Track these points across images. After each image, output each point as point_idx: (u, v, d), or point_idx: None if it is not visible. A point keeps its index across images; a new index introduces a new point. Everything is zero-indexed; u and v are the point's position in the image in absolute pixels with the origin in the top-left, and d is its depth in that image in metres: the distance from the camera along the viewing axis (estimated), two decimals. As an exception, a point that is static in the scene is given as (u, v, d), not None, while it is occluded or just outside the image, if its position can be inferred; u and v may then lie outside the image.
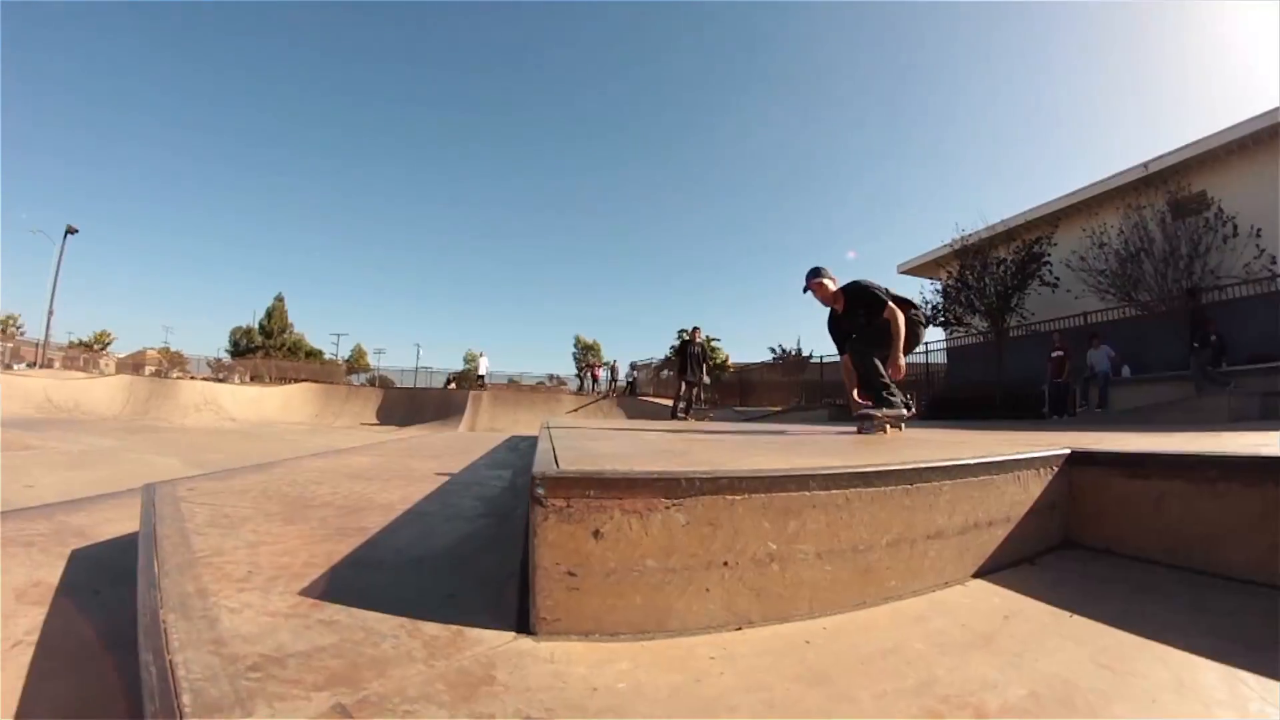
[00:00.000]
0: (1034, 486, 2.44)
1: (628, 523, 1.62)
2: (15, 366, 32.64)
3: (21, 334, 47.70)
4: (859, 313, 5.08)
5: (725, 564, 1.68)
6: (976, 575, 2.16)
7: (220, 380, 38.22)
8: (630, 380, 36.23)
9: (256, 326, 59.70)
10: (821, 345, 35.55)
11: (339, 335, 66.37)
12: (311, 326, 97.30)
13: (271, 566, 2.06)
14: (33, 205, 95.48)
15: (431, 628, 1.57)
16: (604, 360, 46.74)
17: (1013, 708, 1.33)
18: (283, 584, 1.88)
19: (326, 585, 1.87)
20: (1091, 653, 1.60)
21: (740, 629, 1.67)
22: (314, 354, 59.00)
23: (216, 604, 1.70)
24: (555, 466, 1.74)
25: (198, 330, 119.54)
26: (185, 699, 1.18)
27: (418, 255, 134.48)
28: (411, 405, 30.54)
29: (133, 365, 45.95)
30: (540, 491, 1.60)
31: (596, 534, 1.59)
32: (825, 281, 5.28)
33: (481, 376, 36.58)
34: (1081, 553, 2.50)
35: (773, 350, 38.99)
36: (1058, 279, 19.01)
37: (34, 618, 3.00)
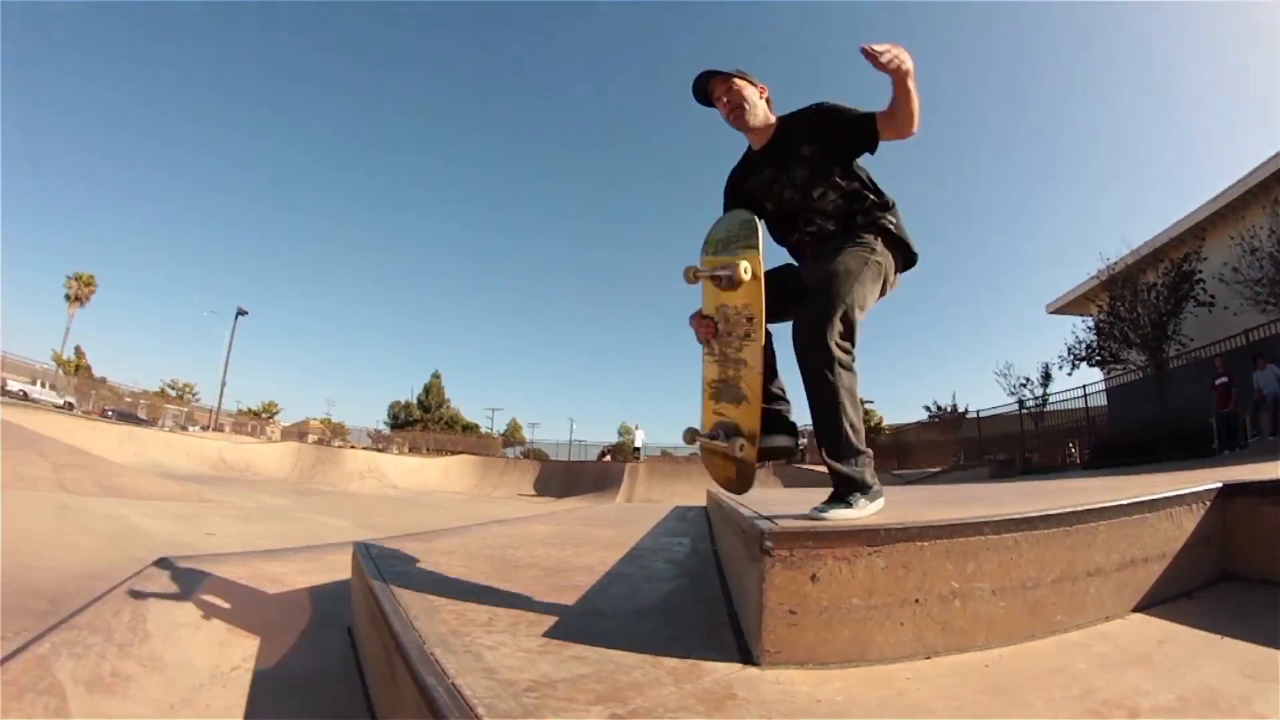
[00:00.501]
0: (1187, 522, 2.57)
1: (838, 568, 1.94)
2: (189, 429, 35.91)
3: (196, 401, 52.67)
4: (806, 169, 2.67)
5: (916, 601, 1.98)
6: (1135, 609, 2.35)
7: (380, 450, 40.75)
8: (787, 449, 36.35)
9: (415, 401, 63.09)
10: (976, 398, 34.41)
11: (494, 410, 69.07)
12: (467, 401, 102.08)
13: (508, 615, 2.45)
14: (206, 289, 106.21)
15: (670, 661, 1.91)
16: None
17: (1162, 709, 1.59)
18: (524, 628, 2.25)
19: (565, 629, 2.24)
20: (1239, 666, 1.82)
21: (929, 657, 1.96)
22: (470, 427, 61.69)
23: (473, 642, 2.04)
24: (774, 524, 2.06)
25: (358, 403, 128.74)
26: (480, 710, 1.47)
27: (573, 330, 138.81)
28: (568, 477, 31.71)
29: (297, 433, 49.66)
30: (768, 544, 1.94)
31: (813, 578, 1.93)
32: (743, 85, 2.74)
33: (637, 449, 37.76)
34: (1239, 584, 2.60)
35: (928, 408, 38.31)
36: (1213, 297, 17.78)
37: (248, 649, 3.57)
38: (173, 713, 2.58)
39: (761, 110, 2.75)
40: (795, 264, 2.86)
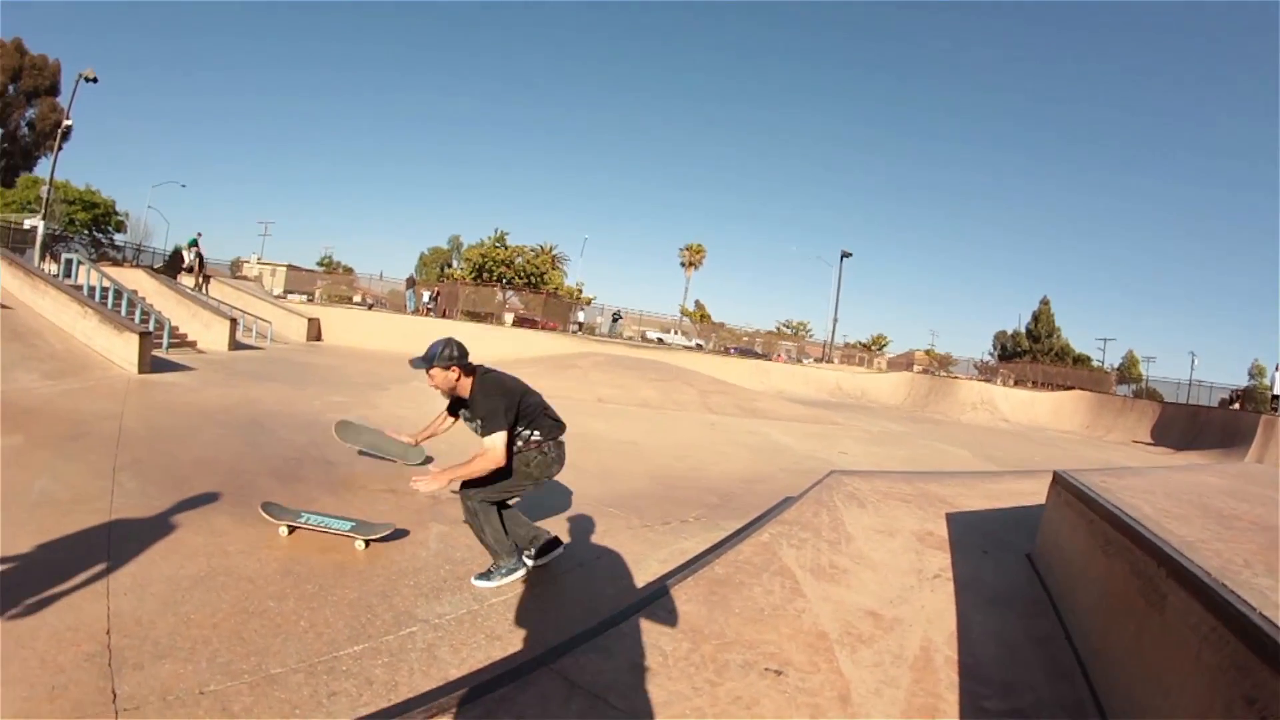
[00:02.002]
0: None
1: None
2: (804, 361, 40.34)
3: (810, 337, 58.94)
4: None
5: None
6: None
7: (985, 382, 40.07)
8: None
9: (1023, 331, 60.39)
10: None
11: (1105, 340, 61.86)
12: (1077, 330, 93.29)
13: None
14: (812, 236, 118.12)
15: None
16: None
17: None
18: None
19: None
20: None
21: None
22: (1081, 360, 56.19)
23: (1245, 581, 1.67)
24: None
25: (962, 334, 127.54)
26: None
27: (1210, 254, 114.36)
28: (1190, 425, 26.24)
29: (905, 364, 51.68)
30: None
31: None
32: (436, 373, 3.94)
33: (1277, 396, 28.61)
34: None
35: None
36: None
37: (941, 560, 3.59)
38: (892, 606, 2.74)
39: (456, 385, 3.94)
40: None
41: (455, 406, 4.19)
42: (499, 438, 3.65)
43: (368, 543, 4.38)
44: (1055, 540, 3.27)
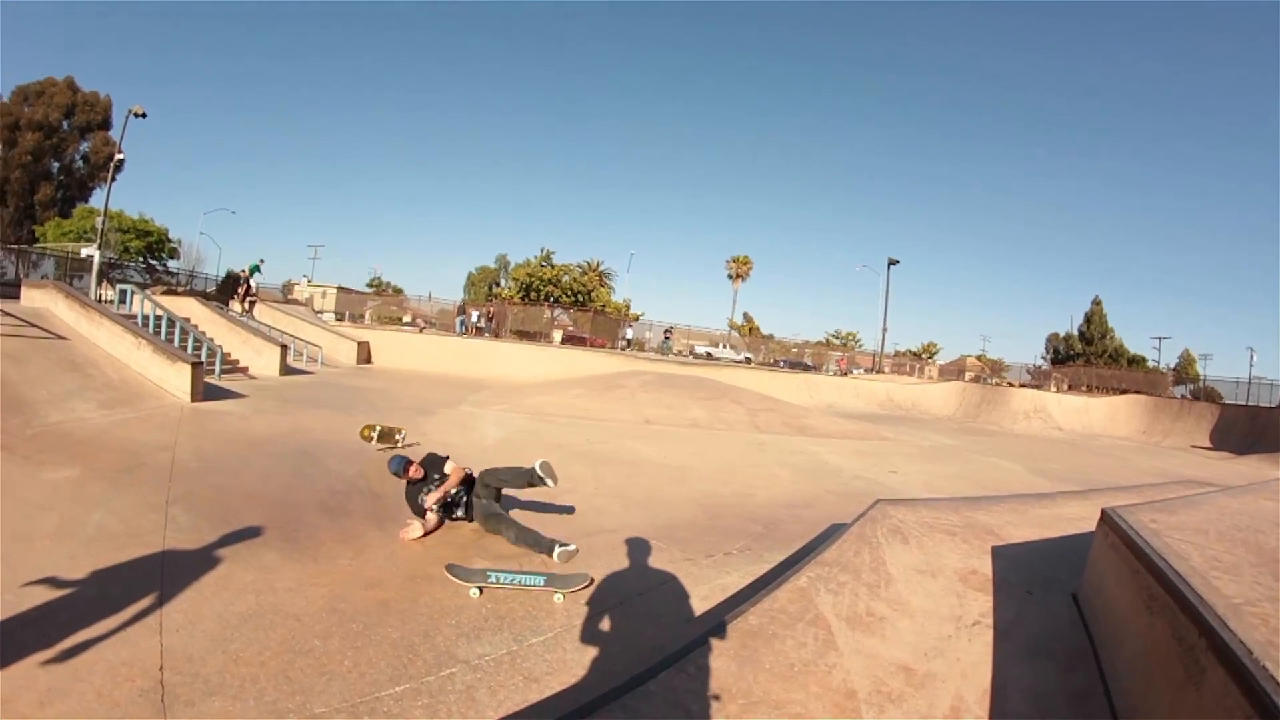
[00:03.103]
0: None
1: None
2: (854, 372, 39.78)
3: (860, 347, 58.17)
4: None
5: None
6: None
7: (1036, 387, 39.19)
8: None
9: (1075, 333, 58.88)
10: None
11: (1160, 339, 59.70)
12: (1131, 330, 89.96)
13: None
14: (859, 243, 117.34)
15: None
16: None
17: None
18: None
19: None
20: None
21: None
22: (1136, 361, 54.38)
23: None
24: None
25: (1013, 338, 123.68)
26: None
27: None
28: (1251, 427, 25.32)
29: (955, 371, 50.70)
30: None
31: None
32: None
33: None
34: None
35: None
36: None
37: (983, 604, 3.51)
38: (926, 659, 2.70)
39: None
40: None
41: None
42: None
43: (565, 595, 4.43)
44: (1100, 584, 3.19)
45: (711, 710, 2.29)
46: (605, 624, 4.11)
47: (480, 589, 4.41)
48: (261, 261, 26.39)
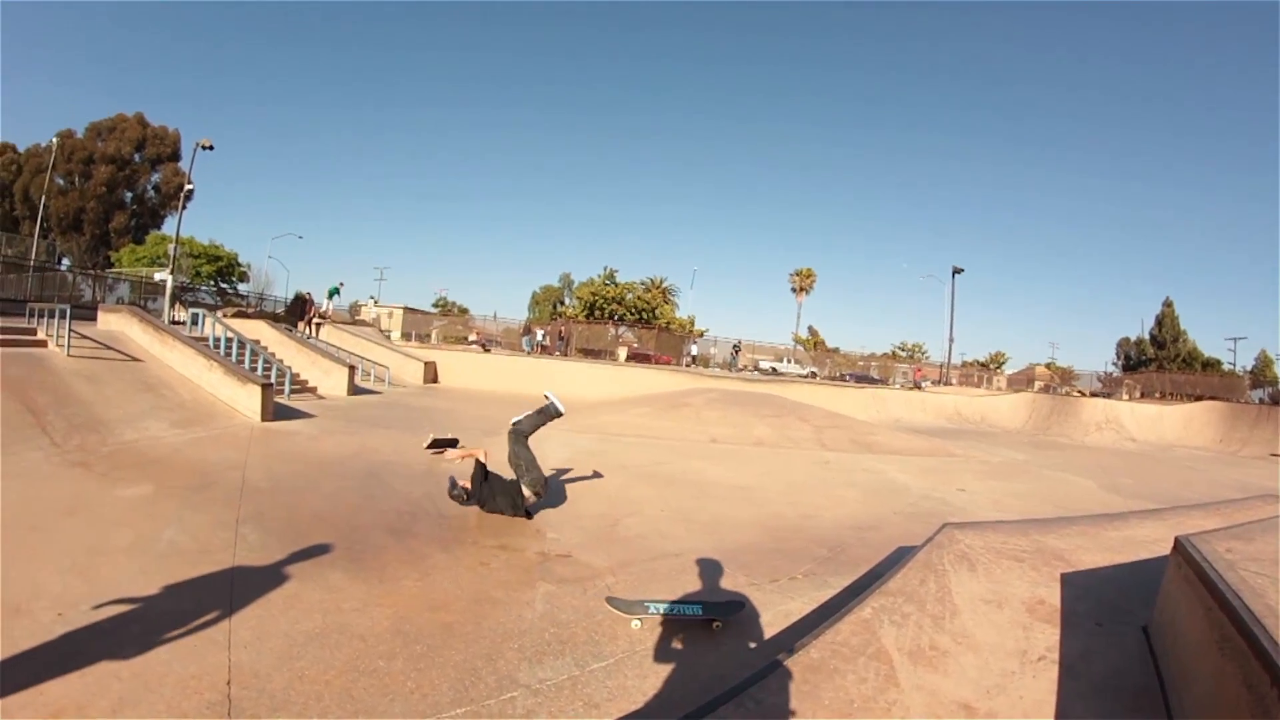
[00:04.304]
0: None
1: None
2: (922, 385, 38.82)
3: (926, 358, 57.05)
4: None
5: None
6: None
7: (1107, 396, 37.78)
8: None
9: (1147, 337, 56.58)
10: None
11: (1235, 340, 55.82)
12: (1205, 331, 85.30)
13: None
14: (922, 252, 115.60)
15: None
16: None
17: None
18: None
19: None
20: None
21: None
22: (1211, 364, 51.58)
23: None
24: None
25: (1083, 344, 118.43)
26: None
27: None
28: None
29: (1024, 380, 49.16)
30: None
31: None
32: None
33: None
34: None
35: None
36: None
37: (1049, 637, 3.36)
38: (988, 697, 2.62)
39: None
40: None
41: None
42: None
43: (721, 623, 4.47)
44: (1172, 618, 3.04)
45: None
46: (667, 651, 4.10)
47: (640, 620, 4.43)
48: (341, 285, 27.44)
